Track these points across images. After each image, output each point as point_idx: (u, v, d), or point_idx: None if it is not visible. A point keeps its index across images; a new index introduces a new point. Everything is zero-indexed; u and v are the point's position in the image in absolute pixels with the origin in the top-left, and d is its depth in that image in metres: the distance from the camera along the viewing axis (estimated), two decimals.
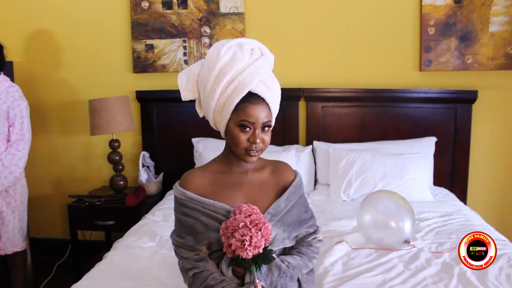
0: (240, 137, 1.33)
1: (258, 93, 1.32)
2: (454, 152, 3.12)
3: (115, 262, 1.90)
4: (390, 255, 1.93)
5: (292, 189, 1.49)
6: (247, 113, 1.31)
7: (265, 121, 1.33)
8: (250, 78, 1.31)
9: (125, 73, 3.37)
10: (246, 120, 1.31)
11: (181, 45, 3.26)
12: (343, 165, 2.88)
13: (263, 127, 1.34)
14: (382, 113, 3.15)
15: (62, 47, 3.40)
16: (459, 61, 3.04)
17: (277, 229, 1.42)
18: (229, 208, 1.37)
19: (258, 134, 1.33)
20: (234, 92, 1.31)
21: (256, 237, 1.23)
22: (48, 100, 3.46)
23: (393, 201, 2.01)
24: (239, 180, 1.46)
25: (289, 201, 1.47)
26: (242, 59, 1.34)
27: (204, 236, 1.38)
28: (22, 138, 2.51)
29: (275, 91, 1.38)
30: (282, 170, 1.53)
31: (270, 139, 1.39)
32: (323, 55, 3.19)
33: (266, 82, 1.35)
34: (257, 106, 1.32)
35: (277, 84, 1.40)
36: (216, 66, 1.33)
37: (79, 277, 1.84)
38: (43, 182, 3.57)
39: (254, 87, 1.32)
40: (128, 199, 2.90)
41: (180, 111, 3.30)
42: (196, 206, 1.39)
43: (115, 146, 3.11)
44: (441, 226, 2.30)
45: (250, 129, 1.33)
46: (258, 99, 1.33)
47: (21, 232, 2.64)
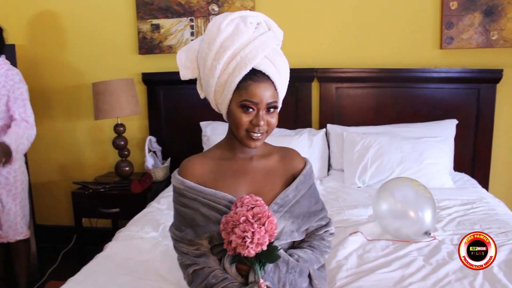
0: (242, 119, 1.21)
1: (263, 70, 1.19)
2: (476, 136, 2.95)
3: (114, 254, 1.79)
4: (409, 248, 1.79)
5: (302, 178, 1.37)
6: (249, 92, 1.18)
7: (270, 101, 1.21)
8: (253, 54, 1.18)
9: (131, 54, 3.24)
10: (248, 100, 1.19)
11: (188, 25, 3.11)
12: (358, 149, 2.73)
13: (268, 108, 1.22)
14: (400, 94, 2.98)
15: (66, 29, 3.28)
16: (483, 38, 2.84)
17: (285, 221, 1.30)
18: (231, 198, 1.25)
19: (262, 116, 1.20)
20: (236, 69, 1.18)
21: (259, 233, 1.09)
22: (51, 83, 3.35)
23: (413, 189, 1.86)
24: (244, 167, 1.33)
25: (298, 191, 1.34)
26: (245, 33, 1.20)
27: (205, 229, 1.26)
28: (27, 120, 2.42)
29: (283, 69, 1.24)
30: (291, 158, 1.40)
31: (277, 122, 1.26)
32: (337, 33, 3.01)
33: (272, 58, 1.21)
34: (261, 85, 1.19)
35: (285, 61, 1.26)
36: (217, 41, 1.20)
37: (85, 264, 1.75)
38: (48, 168, 3.49)
39: (258, 64, 1.19)
40: (134, 186, 2.80)
41: (188, 94, 3.17)
42: (196, 196, 1.27)
43: (120, 131, 3.00)
44: (463, 216, 2.14)
45: (253, 110, 1.20)
46: (262, 77, 1.20)
47: (24, 220, 2.55)
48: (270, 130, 1.25)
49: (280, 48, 1.32)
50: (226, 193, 1.26)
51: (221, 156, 1.34)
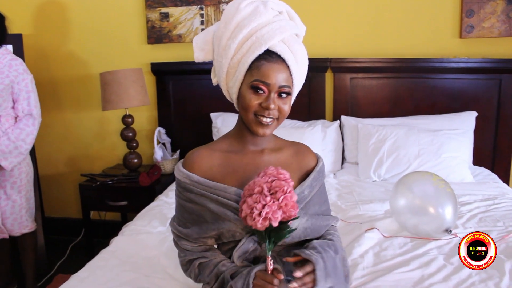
0: (252, 100, 1.12)
1: (278, 52, 1.12)
2: (497, 128, 2.83)
3: (120, 250, 1.73)
4: (428, 246, 1.70)
5: (315, 175, 1.28)
6: (261, 71, 1.10)
7: (282, 84, 1.12)
8: (270, 35, 1.11)
9: (139, 44, 3.17)
10: (259, 79, 1.10)
11: (197, 13, 3.02)
12: (373, 142, 2.64)
13: (280, 93, 1.13)
14: (417, 85, 2.87)
15: (73, 18, 3.21)
16: (506, 26, 2.71)
17: (300, 218, 1.20)
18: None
19: (272, 98, 1.12)
20: (251, 49, 1.11)
21: (269, 207, 1.00)
22: (59, 74, 3.30)
23: (432, 183, 1.76)
24: (254, 160, 1.24)
25: (313, 188, 1.26)
26: (264, 15, 1.13)
27: (213, 227, 1.18)
28: (31, 113, 2.35)
29: (300, 57, 1.16)
30: (304, 153, 1.32)
31: (289, 110, 1.17)
32: (352, 21, 2.90)
33: (290, 44, 1.14)
34: (275, 66, 1.11)
35: (303, 50, 1.18)
36: (234, 20, 1.13)
37: (92, 256, 1.70)
38: (57, 160, 3.44)
39: (274, 45, 1.11)
40: (142, 178, 2.73)
41: (198, 84, 3.09)
42: (204, 192, 1.18)
43: (128, 122, 2.93)
44: (485, 212, 2.05)
45: (264, 93, 1.12)
46: (277, 59, 1.12)
47: (29, 213, 2.50)
48: (282, 117, 1.16)
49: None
50: (237, 188, 1.17)
51: (229, 148, 1.25)
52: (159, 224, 1.99)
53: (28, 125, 2.33)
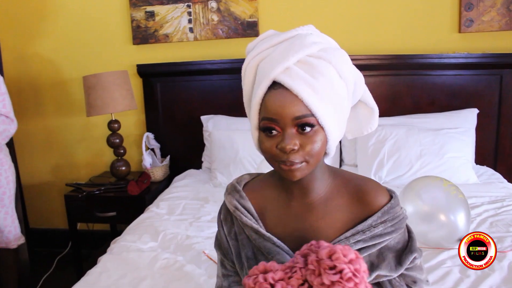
0: (265, 144, 0.88)
1: (282, 83, 0.85)
2: (499, 126, 2.74)
3: (107, 272, 1.58)
4: (441, 256, 1.59)
5: (377, 217, 0.93)
6: (267, 107, 0.86)
7: (298, 115, 0.83)
8: (270, 65, 0.87)
9: (124, 45, 3.01)
10: (266, 117, 0.86)
11: (185, 11, 2.88)
12: (373, 143, 2.53)
13: (300, 126, 0.84)
14: (416, 82, 2.77)
15: (53, 19, 3.04)
16: (506, 20, 2.62)
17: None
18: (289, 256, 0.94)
19: (289, 135, 0.84)
20: (255, 85, 0.91)
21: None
22: (40, 78, 3.13)
23: (443, 189, 1.65)
24: (302, 211, 0.97)
25: (372, 237, 0.93)
26: (268, 41, 0.92)
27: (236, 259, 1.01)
28: (7, 115, 2.20)
29: (324, 79, 0.85)
30: (370, 193, 0.95)
31: (321, 149, 0.87)
32: (346, 17, 2.78)
33: (300, 70, 0.85)
34: (282, 95, 0.84)
35: (326, 68, 0.86)
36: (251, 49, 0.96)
37: (80, 272, 1.56)
38: (41, 169, 3.28)
39: (278, 76, 0.85)
40: (130, 187, 2.59)
41: (187, 86, 2.96)
42: (249, 233, 0.98)
43: (114, 128, 2.78)
44: (495, 215, 1.95)
45: (279, 132, 0.86)
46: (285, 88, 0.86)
47: (7, 229, 2.34)
48: (311, 158, 0.86)
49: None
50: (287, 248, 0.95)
51: (275, 194, 1.01)
52: (150, 239, 1.85)
53: (4, 122, 2.19)
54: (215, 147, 2.70)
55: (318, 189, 0.96)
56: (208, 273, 1.56)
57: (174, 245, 1.79)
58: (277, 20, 2.82)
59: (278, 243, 0.95)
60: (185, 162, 3.00)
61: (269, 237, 0.95)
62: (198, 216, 2.11)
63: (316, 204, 0.96)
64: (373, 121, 1.00)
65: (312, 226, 0.95)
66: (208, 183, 2.61)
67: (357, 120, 1.01)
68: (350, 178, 0.98)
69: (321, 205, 0.95)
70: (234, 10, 2.82)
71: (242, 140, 2.60)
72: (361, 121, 1.00)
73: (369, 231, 0.92)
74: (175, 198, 2.35)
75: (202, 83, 2.94)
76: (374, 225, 0.92)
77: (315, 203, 0.96)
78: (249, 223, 0.97)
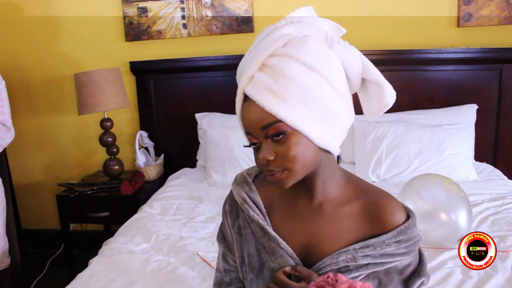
0: (254, 156, 0.85)
1: (247, 94, 0.81)
2: (498, 121, 2.69)
3: (97, 275, 1.53)
4: (442, 256, 1.55)
5: (389, 236, 0.85)
6: (242, 120, 0.85)
7: (263, 125, 0.79)
8: (240, 75, 0.86)
9: (116, 41, 2.95)
10: (245, 131, 0.85)
11: (178, 7, 2.82)
12: (371, 140, 2.48)
13: (269, 136, 0.80)
14: (414, 78, 2.72)
15: (43, 16, 2.97)
16: (506, 13, 2.57)
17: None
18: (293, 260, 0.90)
19: (264, 147, 0.81)
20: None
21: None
22: (31, 76, 3.06)
23: (444, 188, 1.60)
24: (310, 216, 0.92)
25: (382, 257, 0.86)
26: (252, 46, 0.88)
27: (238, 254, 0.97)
28: (4, 123, 2.07)
29: (290, 82, 0.78)
30: (383, 206, 0.87)
31: (297, 152, 0.79)
32: (342, 11, 2.73)
33: (268, 71, 0.79)
34: (248, 107, 0.81)
35: (294, 68, 0.78)
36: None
37: (74, 273, 1.51)
38: (32, 168, 3.21)
39: (245, 87, 0.81)
40: (123, 186, 2.53)
41: (181, 83, 2.90)
42: (255, 229, 0.93)
43: (107, 126, 2.72)
44: (496, 214, 1.91)
45: (257, 144, 0.83)
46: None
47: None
48: (290, 164, 0.80)
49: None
50: (291, 250, 0.90)
51: (285, 192, 0.95)
52: (142, 240, 1.80)
53: (1, 130, 2.08)
54: (210, 145, 2.64)
55: (326, 192, 0.90)
56: (202, 276, 1.51)
57: (167, 246, 1.74)
58: (272, 15, 2.76)
59: (283, 245, 0.89)
60: (180, 160, 2.94)
61: (274, 236, 0.90)
62: (192, 216, 2.06)
63: (324, 207, 0.90)
64: (383, 97, 0.88)
65: (318, 230, 0.89)
66: (202, 182, 2.56)
67: (370, 100, 0.90)
68: (366, 189, 0.91)
69: (330, 209, 0.89)
70: (229, 6, 2.77)
71: (237, 138, 2.55)
72: (373, 99, 0.89)
73: (380, 248, 0.84)
74: (169, 198, 2.30)
75: (196, 80, 2.88)
76: (387, 243, 0.84)
77: (323, 206, 0.90)
78: (256, 219, 0.92)
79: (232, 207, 0.98)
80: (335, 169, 0.90)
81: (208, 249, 1.73)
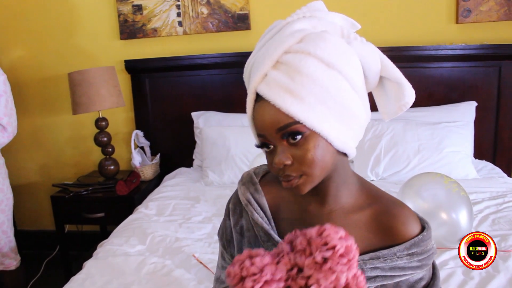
0: (267, 161, 0.80)
1: (261, 94, 0.75)
2: (498, 119, 2.67)
3: (91, 278, 1.50)
4: (443, 257, 1.52)
5: (401, 248, 0.80)
6: (255, 122, 0.79)
7: (279, 126, 0.74)
8: (253, 74, 0.78)
9: (111, 40, 2.91)
10: (257, 133, 0.79)
11: (174, 4, 2.78)
12: (369, 138, 2.45)
13: (286, 137, 0.75)
14: (412, 75, 2.66)
15: (36, 14, 2.93)
16: (505, 9, 2.54)
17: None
18: None
19: (279, 150, 0.75)
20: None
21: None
22: (24, 75, 3.02)
23: (445, 187, 1.57)
24: (317, 222, 0.82)
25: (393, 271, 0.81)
26: (261, 40, 0.83)
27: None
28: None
29: (308, 81, 0.73)
30: (396, 216, 0.82)
31: (316, 155, 0.75)
32: (340, 7, 2.64)
33: (277, 75, 0.74)
34: (262, 107, 0.76)
35: (312, 66, 0.73)
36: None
37: (69, 275, 1.52)
38: (27, 169, 3.18)
39: (258, 86, 0.76)
40: (119, 187, 2.50)
41: (177, 81, 2.87)
42: (259, 233, 0.90)
43: (102, 126, 2.68)
44: (496, 212, 1.88)
45: (274, 147, 0.77)
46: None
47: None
48: (311, 169, 0.75)
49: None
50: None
51: (294, 197, 0.91)
52: (138, 241, 1.77)
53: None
54: (207, 144, 2.61)
55: (339, 198, 0.85)
56: (198, 278, 1.48)
57: (162, 248, 1.71)
58: (269, 12, 2.72)
59: None
60: (176, 160, 2.91)
61: (279, 242, 0.83)
62: (188, 217, 2.03)
63: (334, 215, 0.85)
64: (403, 96, 0.82)
65: None
66: (199, 182, 2.53)
67: (388, 99, 0.86)
68: (379, 196, 0.85)
69: (340, 218, 0.84)
70: (225, 3, 2.73)
71: (234, 136, 2.52)
72: (391, 99, 0.85)
73: (391, 260, 0.80)
74: (165, 198, 2.26)
75: (192, 78, 2.84)
76: (398, 255, 0.80)
77: (334, 214, 0.85)
78: (260, 222, 0.88)
79: (235, 206, 0.94)
80: (349, 174, 0.85)
81: (205, 250, 1.70)
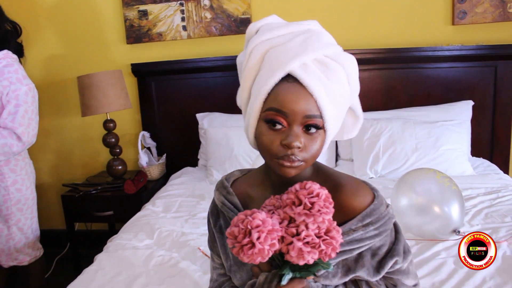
0: (268, 138, 0.82)
1: (298, 78, 0.81)
2: (494, 117, 2.73)
3: (102, 270, 1.59)
4: (435, 248, 1.59)
5: (354, 222, 0.87)
6: (278, 98, 0.81)
7: (308, 114, 0.80)
8: (287, 57, 0.83)
9: (118, 44, 3.01)
10: (274, 108, 0.81)
11: (178, 9, 2.88)
12: (368, 137, 2.53)
13: (306, 126, 0.81)
14: (410, 76, 2.76)
15: (46, 20, 3.04)
16: (500, 11, 2.61)
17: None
18: None
19: (296, 133, 0.80)
20: (267, 73, 0.85)
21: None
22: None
23: (437, 181, 1.65)
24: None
25: (352, 241, 0.87)
26: (281, 29, 0.88)
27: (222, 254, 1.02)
28: (14, 131, 2.05)
29: (335, 86, 0.83)
30: (349, 189, 0.88)
31: (320, 151, 0.84)
32: (339, 11, 2.78)
33: (316, 68, 0.83)
34: (296, 90, 0.80)
35: (339, 73, 0.84)
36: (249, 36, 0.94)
37: (79, 272, 1.59)
38: (37, 170, 3.22)
39: (294, 70, 0.81)
40: (127, 186, 2.59)
41: (182, 84, 2.96)
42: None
43: (110, 127, 2.78)
44: (490, 207, 1.95)
45: (284, 127, 0.81)
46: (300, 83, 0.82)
47: (24, 244, 2.31)
48: (310, 160, 0.83)
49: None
50: None
51: (256, 181, 0.99)
52: (145, 236, 1.85)
53: (4, 136, 2.02)
54: (211, 145, 2.70)
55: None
56: (203, 269, 1.57)
57: (169, 242, 1.80)
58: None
59: None
60: (182, 160, 3.00)
61: None
62: (194, 213, 2.11)
63: None
64: (355, 128, 0.97)
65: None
66: (204, 180, 2.62)
67: (342, 125, 0.95)
68: (328, 175, 0.92)
69: None
70: (227, 7, 2.82)
71: (237, 137, 2.60)
72: (344, 126, 0.96)
73: (347, 235, 0.85)
74: (171, 196, 2.35)
75: (196, 80, 2.93)
76: (354, 228, 0.86)
77: None
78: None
79: (213, 210, 1.03)
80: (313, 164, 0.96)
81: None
